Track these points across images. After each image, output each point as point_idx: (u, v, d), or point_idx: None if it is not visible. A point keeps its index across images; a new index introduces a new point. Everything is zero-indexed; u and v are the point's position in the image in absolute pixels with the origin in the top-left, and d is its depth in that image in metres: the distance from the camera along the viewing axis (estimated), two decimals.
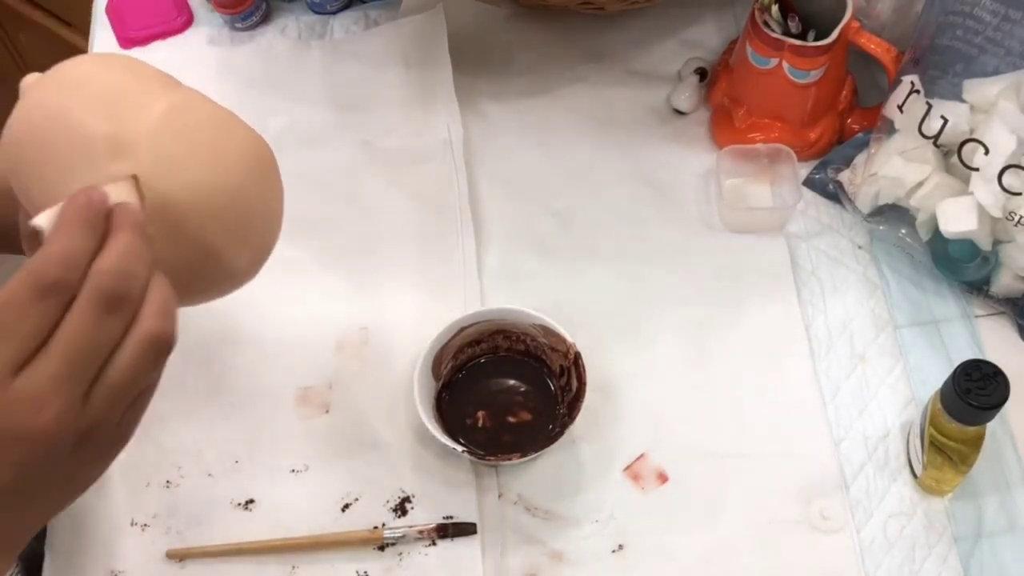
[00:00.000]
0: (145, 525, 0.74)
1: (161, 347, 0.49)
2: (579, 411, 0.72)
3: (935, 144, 0.77)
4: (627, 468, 0.75)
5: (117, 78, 0.55)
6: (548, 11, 0.97)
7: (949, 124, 0.76)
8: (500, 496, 0.75)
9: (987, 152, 0.74)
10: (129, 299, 0.47)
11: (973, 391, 0.65)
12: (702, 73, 0.92)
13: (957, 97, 0.76)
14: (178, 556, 0.73)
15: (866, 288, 0.83)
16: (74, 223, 0.46)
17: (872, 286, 0.83)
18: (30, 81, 0.55)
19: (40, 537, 0.74)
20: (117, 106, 0.53)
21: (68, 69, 0.55)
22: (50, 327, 0.45)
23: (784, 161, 0.86)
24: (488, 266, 0.85)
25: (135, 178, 0.51)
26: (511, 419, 0.77)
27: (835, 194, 0.86)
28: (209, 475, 0.76)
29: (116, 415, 0.48)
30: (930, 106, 0.77)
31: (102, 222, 0.47)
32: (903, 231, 0.82)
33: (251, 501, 0.75)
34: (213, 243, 0.55)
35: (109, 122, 0.52)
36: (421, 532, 0.72)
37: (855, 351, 0.80)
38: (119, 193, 0.49)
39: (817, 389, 0.78)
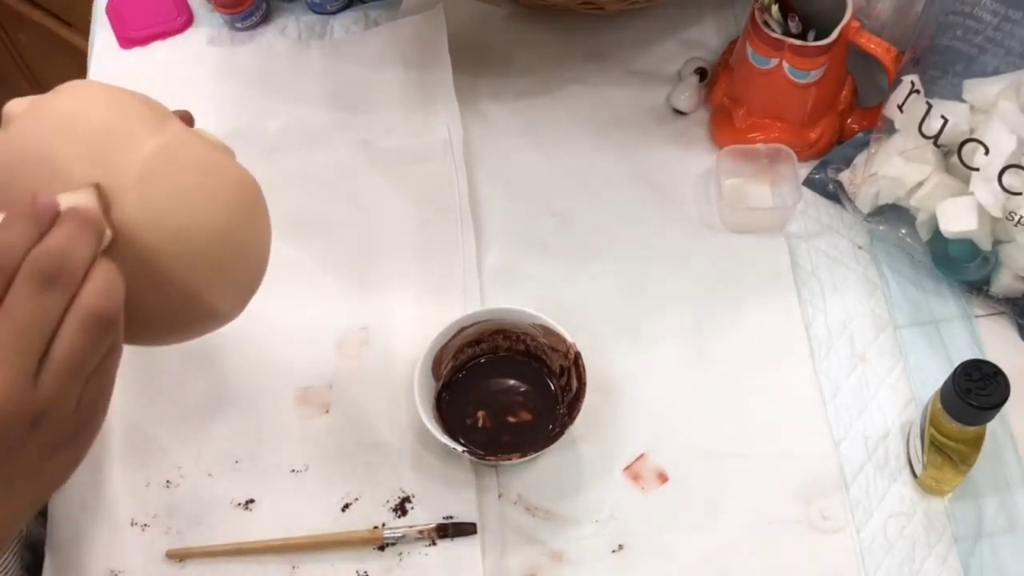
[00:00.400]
0: (145, 525, 0.74)
1: (104, 323, 0.48)
2: (579, 411, 0.72)
3: (935, 144, 0.77)
4: (627, 468, 0.75)
5: (103, 119, 0.53)
6: (548, 11, 0.97)
7: (949, 124, 0.76)
8: (500, 496, 0.75)
9: (987, 152, 0.74)
10: (65, 276, 0.47)
11: (973, 391, 0.65)
12: (702, 73, 0.92)
13: (957, 97, 0.76)
14: (178, 556, 0.73)
15: (866, 288, 0.83)
16: (17, 217, 0.47)
17: (872, 286, 0.83)
18: (15, 110, 0.54)
19: (40, 537, 0.74)
20: (102, 150, 0.52)
21: (53, 104, 0.53)
22: None
23: (784, 161, 0.86)
24: (488, 266, 0.85)
25: (97, 185, 0.50)
26: (511, 419, 0.77)
27: (835, 194, 0.86)
28: (209, 475, 0.76)
29: (70, 396, 0.48)
30: (930, 106, 0.77)
31: (48, 220, 0.47)
32: (903, 231, 0.82)
33: (251, 501, 0.75)
34: (199, 288, 0.54)
35: (94, 168, 0.51)
36: (421, 532, 0.72)
37: (855, 351, 0.80)
38: (78, 199, 0.49)
39: (817, 389, 0.78)
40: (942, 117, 0.76)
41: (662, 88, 0.94)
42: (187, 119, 0.59)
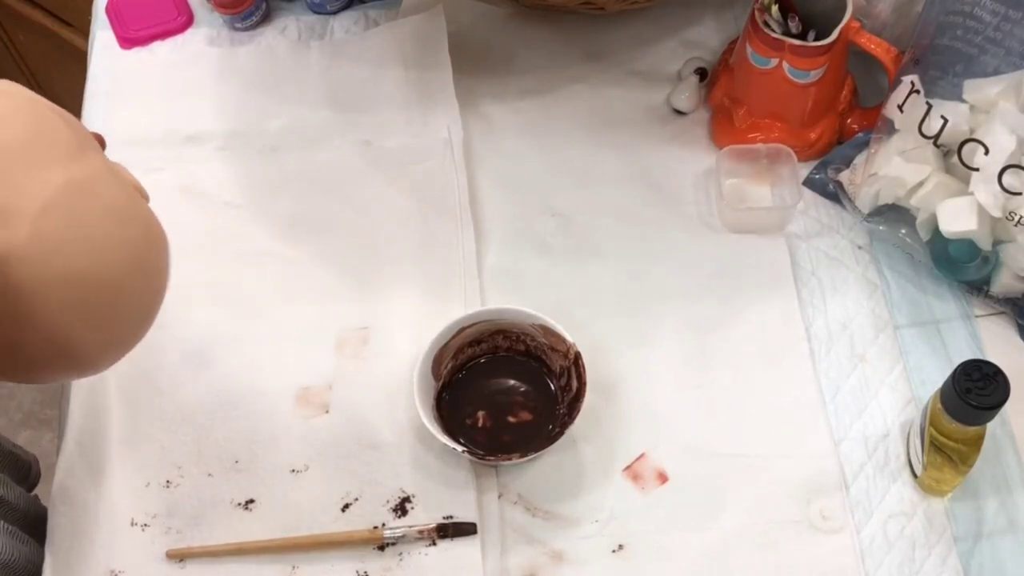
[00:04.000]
0: (145, 525, 0.74)
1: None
2: (579, 411, 0.72)
3: (935, 144, 0.77)
4: (627, 468, 0.75)
5: (22, 135, 0.49)
6: (548, 11, 0.97)
7: (949, 124, 0.76)
8: (500, 496, 0.75)
9: (987, 152, 0.74)
10: None
11: (973, 391, 0.65)
12: (702, 73, 0.92)
13: (957, 97, 0.76)
14: (178, 556, 0.73)
15: (866, 288, 0.83)
16: None
17: (872, 286, 0.83)
18: None
19: (40, 537, 0.74)
20: (12, 169, 0.48)
21: None
22: None
23: (784, 161, 0.86)
24: (488, 266, 0.85)
25: None
26: (511, 419, 0.77)
27: (835, 194, 0.86)
28: (209, 475, 0.76)
29: None
30: (930, 106, 0.77)
31: None
32: (903, 231, 0.82)
33: (251, 501, 0.75)
34: (67, 334, 0.51)
35: (1, 187, 0.48)
36: (421, 532, 0.72)
37: (855, 351, 0.80)
38: None
39: (817, 389, 0.78)
40: (942, 117, 0.76)
41: (662, 88, 0.94)
42: (100, 142, 0.55)
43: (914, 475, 0.74)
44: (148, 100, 0.95)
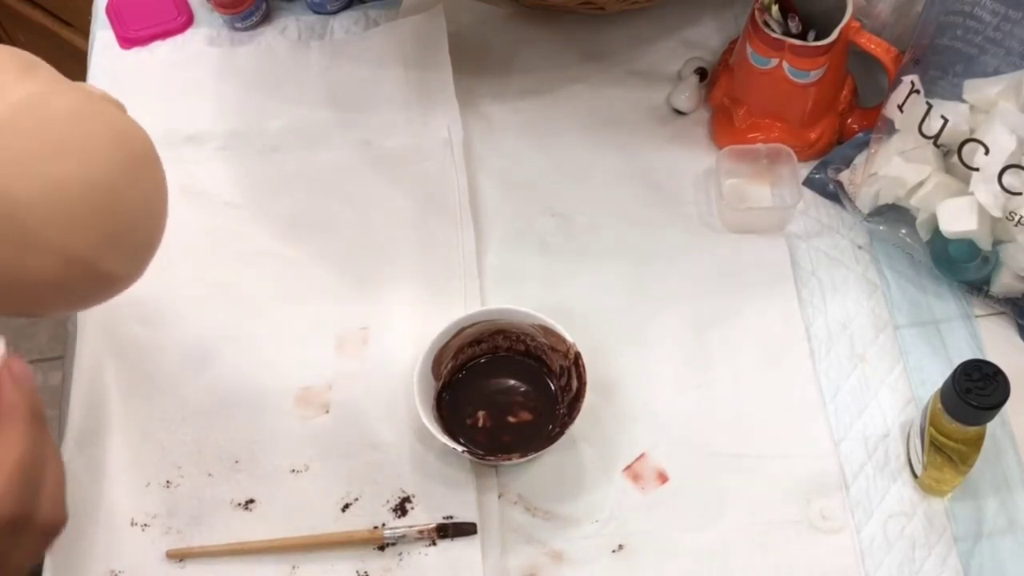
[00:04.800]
0: (145, 525, 0.74)
1: (57, 532, 0.47)
2: (579, 411, 0.72)
3: (935, 144, 0.77)
4: (627, 468, 0.75)
5: None
6: (548, 11, 0.97)
7: (949, 124, 0.76)
8: (500, 496, 0.75)
9: (987, 152, 0.74)
10: (29, 514, 0.45)
11: (973, 391, 0.65)
12: (702, 73, 0.92)
13: (957, 97, 0.76)
14: (178, 556, 0.73)
15: (866, 288, 0.83)
16: None
17: (872, 286, 0.83)
18: None
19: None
20: None
21: None
22: None
23: (784, 161, 0.86)
24: (488, 266, 0.85)
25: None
26: (511, 419, 0.77)
27: (835, 194, 0.86)
28: (209, 475, 0.76)
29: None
30: (930, 106, 0.77)
31: None
32: (903, 231, 0.82)
33: (251, 501, 0.75)
34: (82, 251, 0.49)
35: None
36: (421, 532, 0.72)
37: (855, 351, 0.80)
38: None
39: (817, 389, 0.78)
40: (942, 117, 0.76)
41: (662, 88, 0.94)
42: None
43: (914, 475, 0.74)
44: (148, 100, 0.95)
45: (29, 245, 0.48)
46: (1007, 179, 0.73)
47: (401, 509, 0.74)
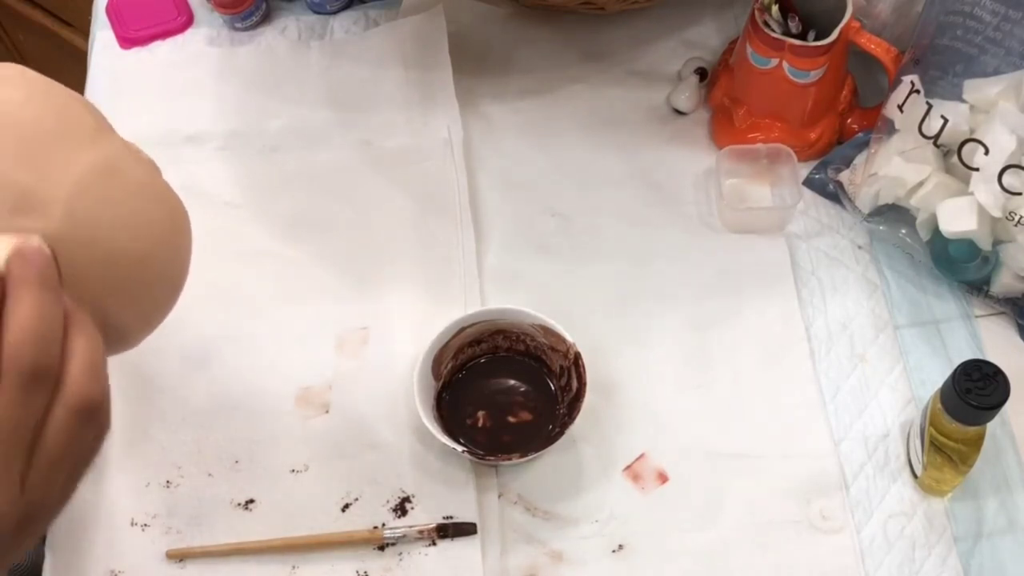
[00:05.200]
0: (145, 525, 0.74)
1: (93, 411, 0.45)
2: (579, 411, 0.72)
3: (935, 144, 0.77)
4: (627, 468, 0.75)
5: (44, 118, 0.49)
6: (548, 11, 0.97)
7: (949, 124, 0.76)
8: (500, 496, 0.75)
9: (987, 152, 0.74)
10: (51, 368, 0.43)
11: (973, 391, 0.65)
12: (702, 73, 0.92)
13: (957, 97, 0.76)
14: (178, 556, 0.73)
15: (866, 288, 0.83)
16: None
17: (872, 286, 0.83)
18: None
19: (40, 537, 0.74)
20: (38, 153, 0.47)
21: None
22: None
23: (784, 161, 0.86)
24: (488, 266, 0.85)
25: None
26: (511, 419, 0.77)
27: (835, 194, 0.86)
28: (209, 475, 0.76)
29: (57, 490, 0.46)
30: (930, 106, 0.77)
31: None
32: (903, 231, 0.82)
33: (251, 501, 0.75)
34: (106, 313, 0.50)
35: (27, 172, 0.47)
36: (421, 532, 0.72)
37: (855, 351, 0.80)
38: (26, 246, 0.45)
39: (817, 389, 0.78)
40: (942, 117, 0.76)
41: (662, 88, 0.94)
42: None
43: (914, 475, 0.74)
44: (148, 100, 0.95)
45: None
46: (1007, 179, 0.73)
47: (401, 509, 0.74)
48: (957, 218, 0.76)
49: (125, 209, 0.50)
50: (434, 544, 0.73)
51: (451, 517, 0.73)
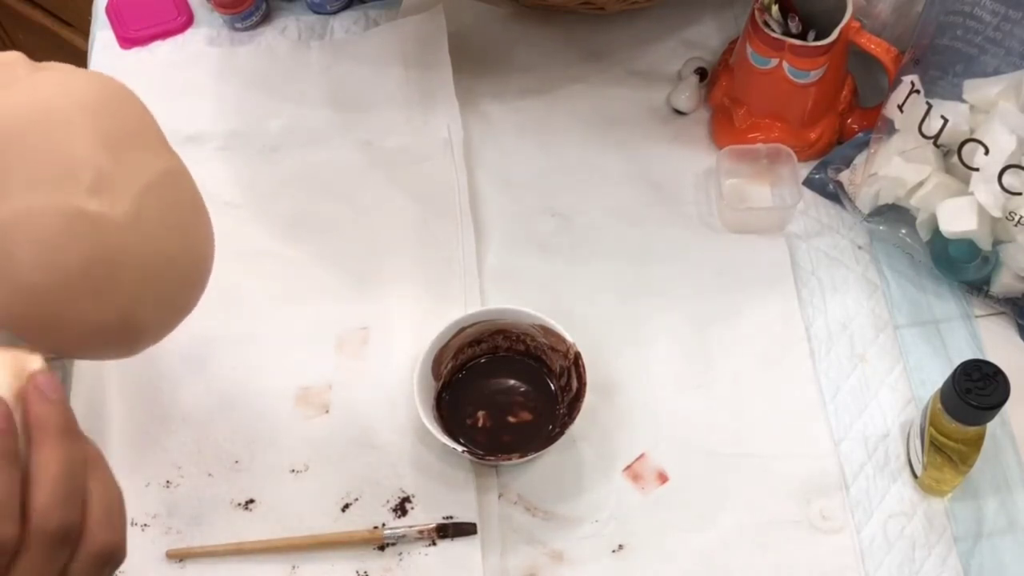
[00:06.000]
0: (145, 525, 0.74)
1: (112, 555, 0.46)
2: (579, 411, 0.72)
3: (935, 144, 0.77)
4: (627, 468, 0.75)
5: (135, 118, 0.54)
6: (548, 11, 0.97)
7: (949, 124, 0.76)
8: (500, 496, 0.75)
9: (987, 152, 0.74)
10: (77, 524, 0.44)
11: (973, 391, 0.65)
12: (702, 73, 0.92)
13: (957, 97, 0.76)
14: (178, 556, 0.73)
15: (866, 288, 0.83)
16: None
17: (872, 286, 0.83)
18: (21, 71, 0.51)
19: None
20: (119, 147, 0.51)
21: (81, 81, 0.52)
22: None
23: (784, 161, 0.86)
24: (488, 266, 0.85)
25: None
26: (511, 419, 0.77)
27: (835, 194, 0.86)
28: (209, 475, 0.76)
29: None
30: (930, 106, 0.77)
31: (16, 443, 0.44)
32: (903, 231, 0.82)
33: (251, 501, 0.75)
34: (135, 310, 0.53)
35: (108, 159, 0.50)
36: (421, 532, 0.72)
37: (855, 351, 0.80)
38: (23, 364, 0.45)
39: (817, 389, 0.78)
40: (942, 117, 0.76)
41: (662, 88, 0.94)
42: None
43: (914, 475, 0.74)
44: (148, 100, 0.94)
45: (107, 296, 0.51)
46: (1007, 179, 0.73)
47: (401, 509, 0.74)
48: (957, 218, 0.76)
49: (181, 218, 0.55)
50: (434, 544, 0.73)
51: (451, 517, 0.73)
